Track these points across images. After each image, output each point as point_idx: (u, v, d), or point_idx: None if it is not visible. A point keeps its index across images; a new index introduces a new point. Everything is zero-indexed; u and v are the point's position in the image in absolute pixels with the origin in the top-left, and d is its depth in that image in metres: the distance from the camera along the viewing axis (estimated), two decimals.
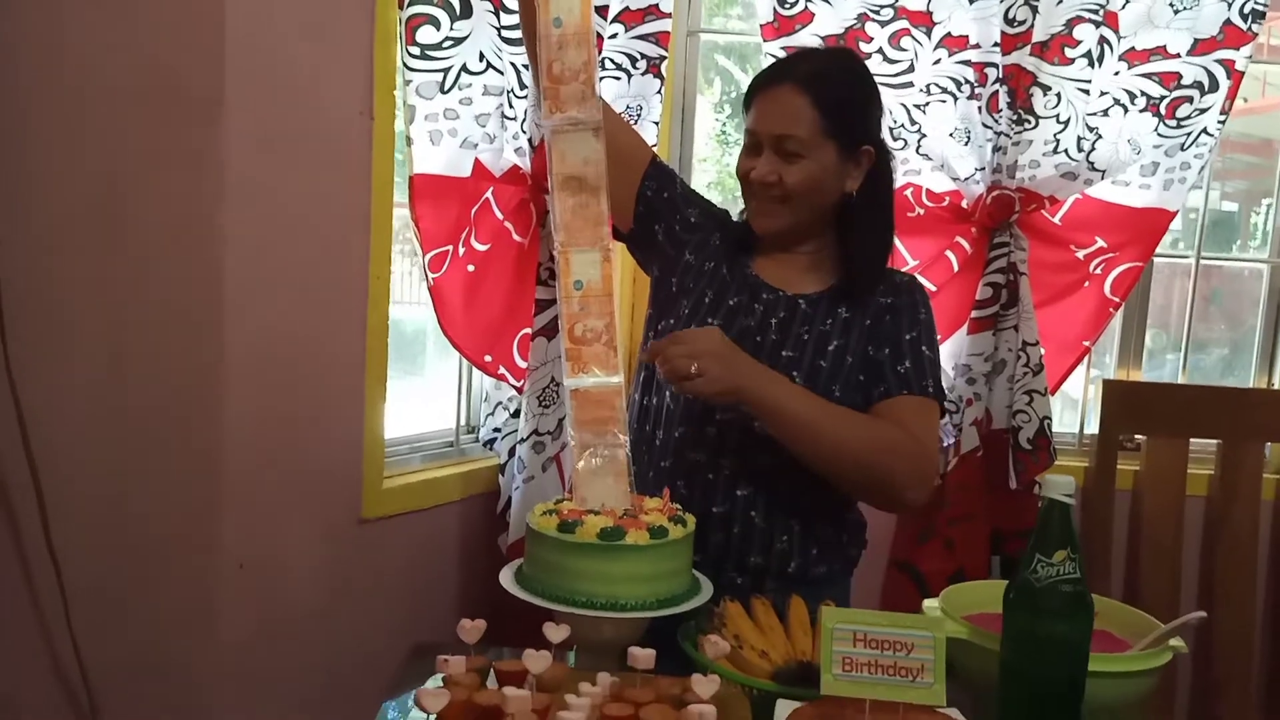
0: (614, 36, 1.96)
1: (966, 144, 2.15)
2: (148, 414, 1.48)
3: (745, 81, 2.40)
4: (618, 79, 1.99)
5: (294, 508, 1.60)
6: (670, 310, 1.55)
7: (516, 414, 1.96)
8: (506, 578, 1.30)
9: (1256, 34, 2.10)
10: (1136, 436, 2.32)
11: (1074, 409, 2.43)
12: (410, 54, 1.66)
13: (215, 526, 1.50)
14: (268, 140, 1.48)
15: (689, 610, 1.26)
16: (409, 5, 1.65)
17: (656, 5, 2.00)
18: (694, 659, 1.21)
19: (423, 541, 1.87)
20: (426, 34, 1.66)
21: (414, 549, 1.85)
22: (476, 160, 1.79)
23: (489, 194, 1.83)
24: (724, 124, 2.53)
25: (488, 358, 1.88)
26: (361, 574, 1.75)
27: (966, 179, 2.17)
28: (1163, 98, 2.12)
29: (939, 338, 1.54)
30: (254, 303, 1.49)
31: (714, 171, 2.48)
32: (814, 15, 2.11)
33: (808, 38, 2.11)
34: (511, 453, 1.96)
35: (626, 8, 1.97)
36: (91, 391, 1.48)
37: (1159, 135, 2.14)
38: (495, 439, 2.03)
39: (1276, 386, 2.38)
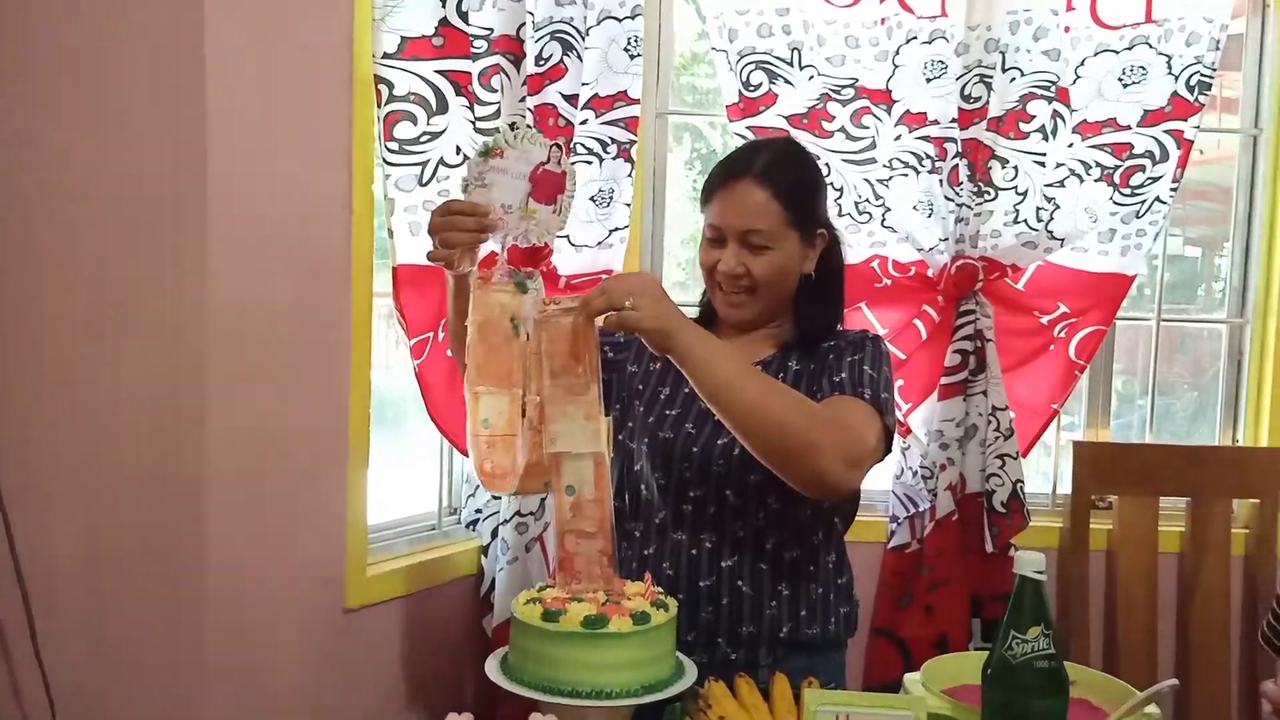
0: (584, 123, 2.01)
1: (930, 216, 2.22)
2: (130, 512, 1.49)
3: (714, 137, 2.47)
4: (589, 163, 2.04)
5: (277, 602, 1.60)
6: (629, 415, 1.60)
7: (498, 495, 1.97)
8: (492, 667, 1.31)
9: (1203, 104, 2.19)
10: (1108, 496, 2.35)
11: (1046, 469, 2.47)
12: (389, 149, 1.71)
13: (199, 622, 1.50)
14: (249, 238, 1.51)
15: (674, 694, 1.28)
16: (387, 103, 1.69)
17: (625, 92, 2.06)
18: None
19: (408, 628, 1.87)
20: (404, 130, 1.71)
21: (399, 636, 1.85)
22: None
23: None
24: (694, 181, 2.58)
25: (468, 441, 1.90)
26: (347, 664, 1.74)
27: (931, 249, 2.23)
28: (1116, 167, 2.20)
29: (891, 373, 1.52)
30: (237, 399, 1.51)
31: (688, 228, 2.53)
32: (777, 96, 2.18)
33: (772, 118, 2.18)
34: (494, 534, 1.97)
35: (596, 95, 2.03)
36: (75, 492, 1.49)
37: (1114, 204, 2.21)
38: (478, 520, 2.04)
39: (1240, 443, 2.43)
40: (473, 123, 1.77)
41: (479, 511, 2.03)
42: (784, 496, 1.48)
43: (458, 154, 1.77)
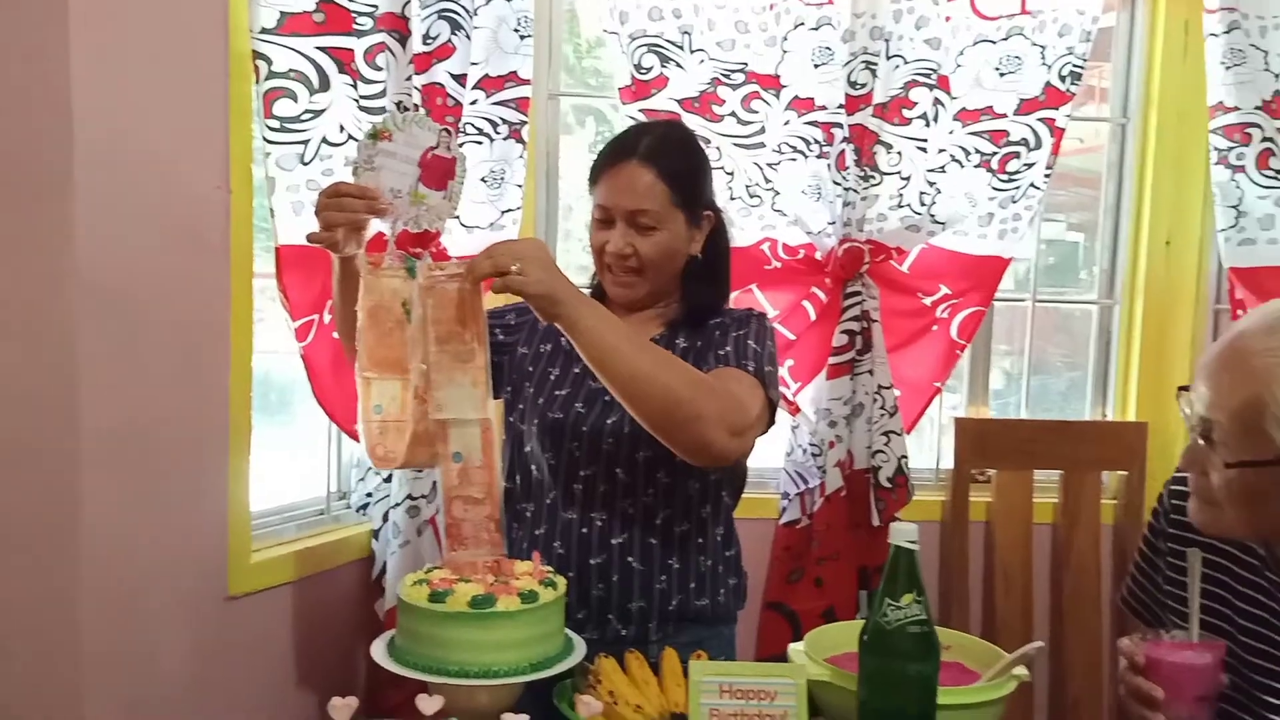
0: (474, 102, 2.00)
1: (818, 200, 2.27)
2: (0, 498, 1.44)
3: (618, 120, 2.47)
4: (479, 143, 2.02)
5: (156, 591, 1.57)
6: (519, 397, 1.60)
7: (389, 478, 1.95)
8: (378, 650, 1.30)
9: (1074, 94, 2.28)
10: (988, 470, 2.45)
11: (930, 446, 2.55)
12: (269, 127, 1.67)
13: (73, 614, 1.45)
14: (119, 217, 1.46)
15: (564, 671, 1.29)
16: (266, 79, 1.65)
17: (515, 72, 2.05)
18: (570, 719, 1.23)
19: (296, 614, 1.84)
20: (284, 107, 1.67)
21: (287, 623, 1.82)
22: None
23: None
24: None
25: (359, 426, 1.87)
26: (231, 653, 1.71)
27: (819, 233, 2.28)
28: (993, 154, 2.28)
29: (775, 349, 1.55)
30: (110, 382, 1.46)
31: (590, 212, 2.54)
32: (669, 80, 2.19)
33: (664, 101, 2.19)
34: (385, 517, 1.95)
35: (486, 75, 2.01)
36: None
37: (992, 189, 2.29)
38: (368, 504, 2.02)
39: (1110, 418, 2.56)
40: (357, 101, 1.74)
41: (369, 495, 2.01)
42: (673, 471, 1.50)
43: (341, 133, 1.74)
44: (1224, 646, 1.22)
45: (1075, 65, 2.27)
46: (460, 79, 1.90)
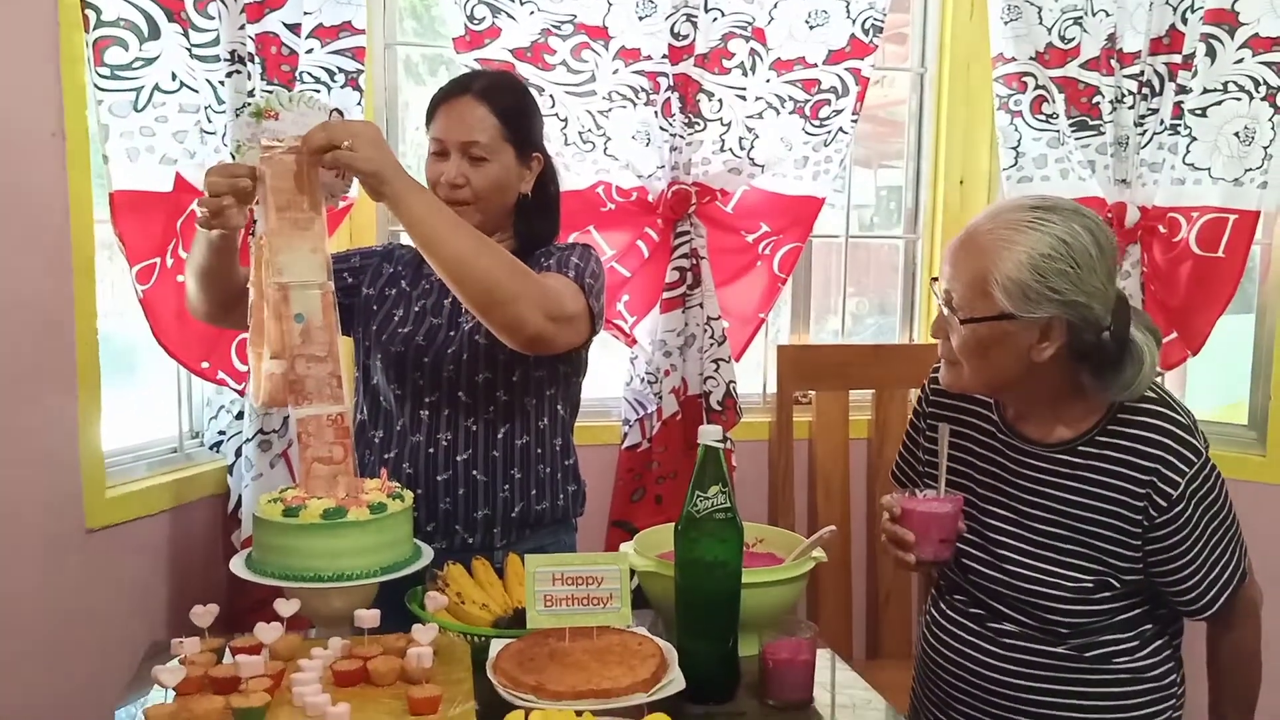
0: (310, 52, 2.04)
1: (647, 145, 2.41)
2: None
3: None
4: (317, 91, 2.07)
5: (12, 525, 1.61)
6: (365, 335, 1.70)
7: (241, 415, 2.02)
8: (238, 564, 1.39)
9: (876, 45, 2.48)
10: (809, 392, 2.68)
11: (757, 371, 2.76)
12: (100, 74, 1.69)
13: None
14: None
15: (414, 575, 1.40)
16: (95, 28, 1.67)
17: (350, 22, 2.09)
18: (421, 617, 1.36)
19: (156, 545, 1.91)
20: (115, 55, 1.70)
21: (146, 554, 1.89)
22: (177, 174, 1.83)
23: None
24: None
25: (205, 364, 1.93)
26: (93, 583, 1.77)
27: (649, 176, 2.42)
28: (806, 101, 2.47)
29: (599, 272, 1.66)
30: None
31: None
32: (501, 30, 2.28)
33: (498, 51, 2.28)
34: (239, 453, 2.02)
35: (320, 24, 2.05)
36: None
37: (806, 134, 2.48)
38: (221, 441, 2.08)
39: (915, 342, 2.82)
40: (189, 50, 1.78)
41: (222, 434, 2.07)
42: (510, 390, 1.63)
43: (174, 80, 1.77)
44: (962, 499, 1.47)
45: (876, 19, 2.46)
46: (294, 28, 1.94)
